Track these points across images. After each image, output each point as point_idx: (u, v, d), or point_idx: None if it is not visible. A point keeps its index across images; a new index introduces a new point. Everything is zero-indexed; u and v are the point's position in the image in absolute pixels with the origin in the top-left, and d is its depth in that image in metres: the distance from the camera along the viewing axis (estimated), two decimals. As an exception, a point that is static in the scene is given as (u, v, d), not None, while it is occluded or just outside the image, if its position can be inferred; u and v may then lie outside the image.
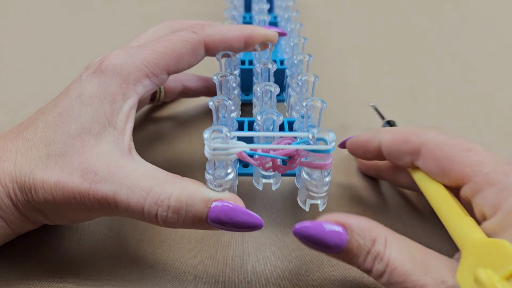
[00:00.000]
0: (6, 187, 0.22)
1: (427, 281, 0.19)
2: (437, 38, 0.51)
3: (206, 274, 0.25)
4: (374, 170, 0.31)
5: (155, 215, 0.21)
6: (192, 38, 0.27)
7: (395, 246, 0.20)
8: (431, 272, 0.19)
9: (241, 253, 0.26)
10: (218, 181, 0.22)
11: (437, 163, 0.23)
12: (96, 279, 0.25)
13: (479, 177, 0.21)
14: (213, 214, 0.21)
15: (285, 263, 0.26)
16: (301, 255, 0.26)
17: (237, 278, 0.25)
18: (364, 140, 0.27)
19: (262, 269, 0.25)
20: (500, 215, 0.19)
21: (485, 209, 0.20)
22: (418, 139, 0.24)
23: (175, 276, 0.25)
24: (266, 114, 0.22)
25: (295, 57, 0.29)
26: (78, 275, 0.25)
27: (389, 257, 0.19)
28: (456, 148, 0.22)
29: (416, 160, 0.24)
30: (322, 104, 0.23)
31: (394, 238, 0.20)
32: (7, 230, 0.23)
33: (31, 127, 0.24)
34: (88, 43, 0.50)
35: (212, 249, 0.26)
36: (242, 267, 0.25)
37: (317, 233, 0.20)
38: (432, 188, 0.23)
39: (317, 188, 0.22)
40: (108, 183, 0.22)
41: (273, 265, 0.25)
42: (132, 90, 0.25)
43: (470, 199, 0.21)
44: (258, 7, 0.37)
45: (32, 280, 0.24)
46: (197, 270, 0.25)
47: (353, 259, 0.20)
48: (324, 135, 0.21)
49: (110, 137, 0.23)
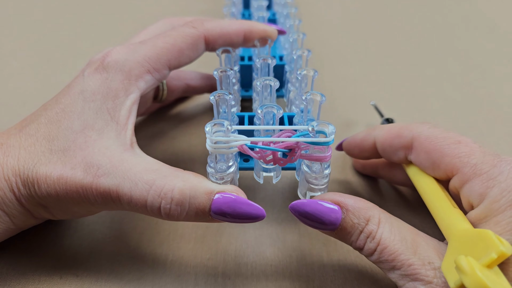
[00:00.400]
0: (9, 181, 0.22)
1: (414, 261, 0.19)
2: (438, 36, 0.51)
3: (206, 275, 0.25)
4: (370, 168, 0.31)
5: (158, 207, 0.21)
6: (192, 33, 0.27)
7: (387, 226, 0.21)
8: (420, 253, 0.20)
9: (241, 253, 0.26)
10: (219, 174, 0.22)
11: (428, 155, 0.23)
12: (96, 279, 0.25)
13: (467, 168, 0.21)
14: (216, 206, 0.21)
15: (286, 264, 0.26)
16: (301, 255, 0.26)
17: (237, 278, 0.25)
18: (359, 139, 0.28)
19: (262, 269, 0.25)
20: (485, 203, 0.20)
21: (472, 198, 0.21)
22: (410, 133, 0.24)
23: (174, 276, 0.25)
24: (267, 107, 0.22)
25: (294, 52, 0.29)
26: (77, 275, 0.25)
27: (381, 236, 0.20)
28: (446, 141, 0.23)
29: (409, 154, 0.24)
30: (322, 98, 0.23)
31: (387, 218, 0.21)
32: (10, 225, 0.24)
33: (34, 123, 0.24)
34: (88, 41, 0.50)
35: (212, 249, 0.27)
36: (242, 268, 0.25)
37: (313, 210, 0.21)
38: (423, 181, 0.24)
39: (317, 180, 0.22)
40: (111, 177, 0.22)
41: (273, 266, 0.26)
42: (134, 85, 0.25)
43: (459, 190, 0.22)
44: (257, 4, 0.37)
45: (32, 280, 0.25)
46: (197, 271, 0.25)
47: (347, 237, 0.21)
48: (324, 127, 0.21)
49: (112, 132, 0.24)
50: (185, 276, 0.25)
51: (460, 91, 0.41)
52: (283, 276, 0.25)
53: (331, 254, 0.26)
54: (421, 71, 0.45)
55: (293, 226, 0.28)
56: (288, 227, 0.28)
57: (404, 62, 0.46)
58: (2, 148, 0.23)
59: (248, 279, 0.25)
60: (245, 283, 0.25)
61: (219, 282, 0.25)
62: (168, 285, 0.24)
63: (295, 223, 0.28)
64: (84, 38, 0.51)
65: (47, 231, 0.27)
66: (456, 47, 0.49)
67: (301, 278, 0.25)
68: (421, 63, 0.46)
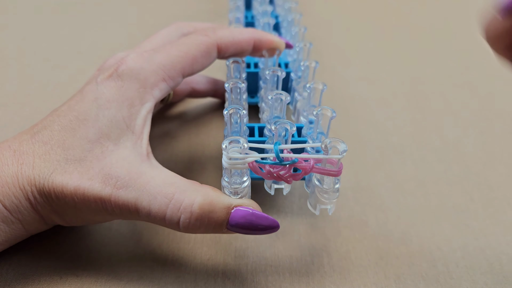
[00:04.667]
0: (24, 190, 0.22)
1: None
2: (438, 35, 0.52)
3: (206, 275, 0.25)
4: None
5: (177, 221, 0.22)
6: (205, 41, 0.27)
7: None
8: None
9: (241, 254, 0.27)
10: (234, 188, 0.23)
11: None
12: (95, 279, 0.25)
13: None
14: (233, 219, 0.22)
15: (285, 264, 0.26)
16: (301, 256, 0.27)
17: (236, 279, 0.25)
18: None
19: (262, 269, 0.26)
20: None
21: None
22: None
23: (174, 277, 0.25)
24: (280, 124, 0.23)
25: (302, 64, 0.30)
26: (77, 275, 0.25)
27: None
28: None
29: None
30: (332, 114, 0.24)
31: None
32: (22, 231, 0.24)
33: (46, 130, 0.24)
34: (88, 42, 0.50)
35: (212, 250, 0.27)
36: (242, 268, 0.26)
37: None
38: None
39: (328, 194, 0.23)
40: (129, 190, 0.22)
41: (273, 266, 0.26)
42: (149, 94, 0.25)
43: None
44: (262, 9, 0.38)
45: (31, 280, 0.25)
46: (196, 271, 0.26)
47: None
48: (336, 144, 0.22)
49: (129, 142, 0.24)
50: (185, 277, 0.25)
51: (461, 91, 0.42)
52: (283, 277, 0.25)
53: (331, 254, 0.27)
54: (421, 71, 0.45)
55: (293, 226, 0.29)
56: (287, 227, 0.29)
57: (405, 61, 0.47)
58: (16, 155, 0.23)
59: (248, 279, 0.25)
60: (245, 283, 0.25)
61: (219, 282, 0.25)
62: (168, 286, 0.25)
63: (295, 223, 0.29)
64: (84, 38, 0.50)
65: (47, 232, 0.27)
66: (457, 46, 0.50)
67: (301, 278, 0.25)
68: (421, 63, 0.47)
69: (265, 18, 0.36)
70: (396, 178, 0.33)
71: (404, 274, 0.26)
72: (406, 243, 0.28)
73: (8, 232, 0.23)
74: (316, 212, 0.25)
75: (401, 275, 0.26)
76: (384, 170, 0.33)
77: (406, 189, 0.32)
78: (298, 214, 0.30)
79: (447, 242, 0.28)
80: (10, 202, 0.22)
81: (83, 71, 0.43)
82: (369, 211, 0.30)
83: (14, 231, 0.23)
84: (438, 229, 0.29)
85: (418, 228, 0.29)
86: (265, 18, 0.36)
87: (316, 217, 0.29)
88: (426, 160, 0.34)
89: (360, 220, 0.29)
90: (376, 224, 0.29)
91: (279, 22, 0.41)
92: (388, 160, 0.34)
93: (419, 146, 0.36)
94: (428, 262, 0.27)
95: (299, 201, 0.31)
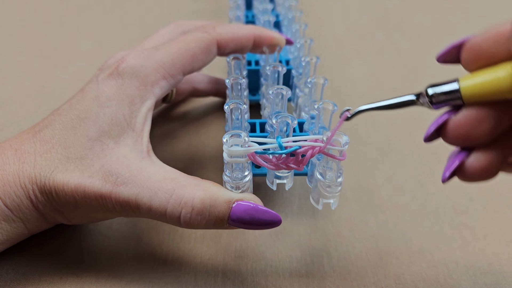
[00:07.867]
0: (26, 189, 0.22)
1: None
2: (438, 35, 0.52)
3: (206, 275, 0.25)
4: None
5: (178, 216, 0.22)
6: (205, 37, 0.27)
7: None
8: None
9: (240, 254, 0.27)
10: (235, 182, 0.23)
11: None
12: (96, 279, 0.25)
13: None
14: (235, 213, 0.22)
15: (285, 264, 0.26)
16: (301, 256, 0.27)
17: (236, 279, 0.25)
18: None
19: (262, 269, 0.26)
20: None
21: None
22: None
23: (174, 277, 0.25)
24: (281, 117, 0.23)
25: (303, 59, 0.30)
26: (77, 275, 0.25)
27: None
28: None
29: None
30: (334, 107, 0.24)
31: None
32: (23, 230, 0.24)
33: (47, 128, 0.24)
34: (88, 42, 0.49)
35: (212, 250, 0.27)
36: (241, 268, 0.26)
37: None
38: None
39: (331, 188, 0.23)
40: (130, 186, 0.22)
41: (273, 266, 0.26)
42: (150, 92, 0.25)
43: None
44: (262, 7, 0.38)
45: (32, 280, 0.25)
46: (196, 271, 0.26)
47: None
48: (338, 137, 0.22)
49: (129, 140, 0.24)
50: (185, 277, 0.25)
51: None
52: (283, 277, 0.25)
53: (330, 254, 0.27)
54: (421, 71, 0.45)
55: (293, 226, 0.29)
56: (287, 228, 0.28)
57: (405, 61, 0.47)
58: (17, 154, 0.23)
59: (248, 279, 0.25)
60: (245, 283, 0.25)
61: (219, 282, 0.25)
62: (168, 286, 0.25)
63: (295, 223, 0.29)
64: (84, 38, 0.50)
65: (47, 232, 0.27)
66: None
67: (301, 278, 0.25)
68: (421, 63, 0.47)
69: (266, 16, 0.35)
70: (396, 178, 0.33)
71: (404, 274, 0.26)
72: (406, 243, 0.28)
73: (9, 231, 0.23)
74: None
75: (401, 275, 0.26)
76: (384, 170, 0.33)
77: (406, 189, 0.32)
78: (298, 214, 0.29)
79: (447, 242, 0.28)
80: (12, 201, 0.22)
81: (83, 71, 0.43)
82: (369, 211, 0.30)
83: (15, 230, 0.23)
84: (438, 229, 0.29)
85: (418, 228, 0.29)
86: (266, 16, 0.35)
87: (316, 217, 0.29)
88: (426, 160, 0.34)
89: (360, 220, 0.29)
90: (376, 224, 0.29)
91: (279, 20, 0.41)
92: (388, 160, 0.34)
93: (419, 146, 0.36)
94: (428, 262, 0.27)
95: (299, 201, 0.30)
